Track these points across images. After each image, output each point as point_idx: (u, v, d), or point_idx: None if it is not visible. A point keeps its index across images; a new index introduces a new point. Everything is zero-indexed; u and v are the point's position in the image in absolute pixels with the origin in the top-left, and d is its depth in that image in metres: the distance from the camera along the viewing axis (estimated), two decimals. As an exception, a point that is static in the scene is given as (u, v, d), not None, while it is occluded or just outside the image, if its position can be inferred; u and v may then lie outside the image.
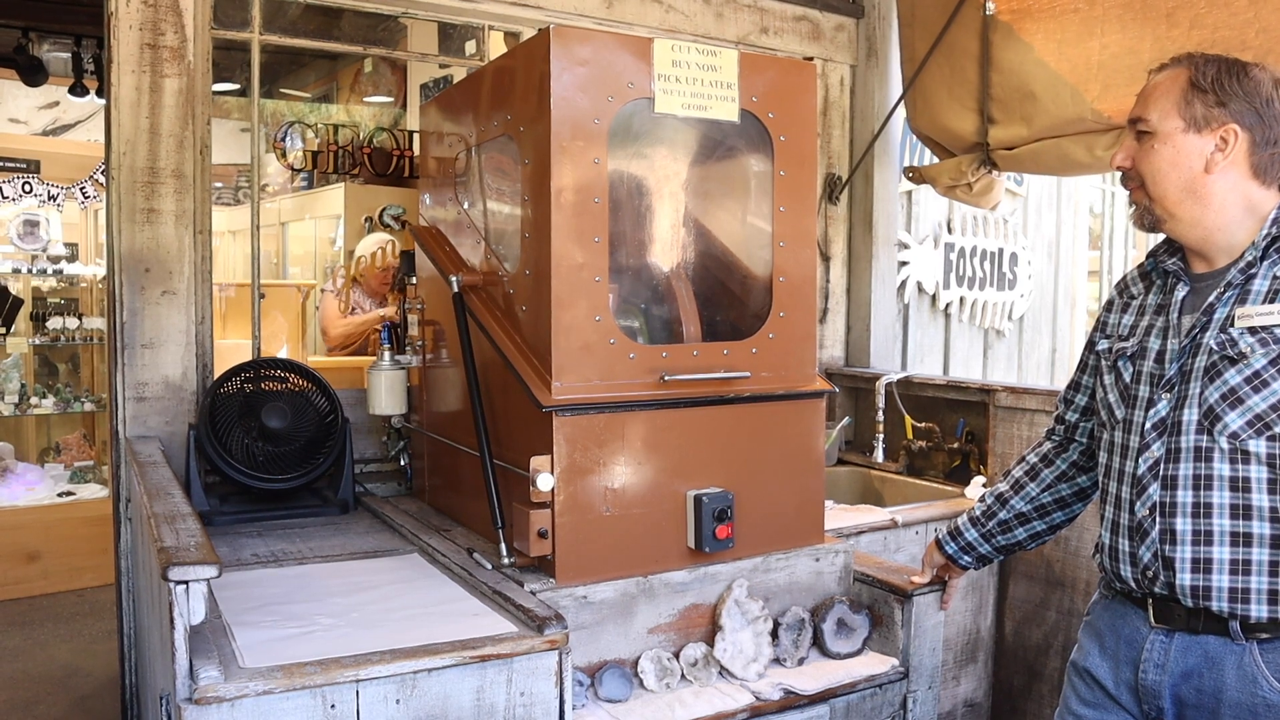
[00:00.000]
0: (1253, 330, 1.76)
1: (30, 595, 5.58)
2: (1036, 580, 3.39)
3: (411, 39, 6.13)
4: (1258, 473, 1.76)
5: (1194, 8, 3.10)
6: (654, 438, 2.34)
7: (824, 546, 2.57)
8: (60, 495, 5.94)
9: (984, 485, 3.54)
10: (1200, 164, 1.81)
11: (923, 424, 3.90)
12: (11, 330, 6.06)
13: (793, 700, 2.31)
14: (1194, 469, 1.81)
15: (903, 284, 5.04)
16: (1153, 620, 1.88)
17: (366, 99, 7.72)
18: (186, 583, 1.70)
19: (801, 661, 2.46)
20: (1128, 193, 1.95)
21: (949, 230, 5.36)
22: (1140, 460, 1.87)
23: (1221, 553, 1.78)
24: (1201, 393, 1.80)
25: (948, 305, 5.38)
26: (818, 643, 2.50)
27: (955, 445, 3.79)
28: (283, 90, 8.45)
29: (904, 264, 5.04)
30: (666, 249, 2.60)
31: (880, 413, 4.02)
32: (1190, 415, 1.81)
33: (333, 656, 1.81)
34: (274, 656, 1.82)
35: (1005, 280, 5.68)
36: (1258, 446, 1.75)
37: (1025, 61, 3.60)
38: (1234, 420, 1.77)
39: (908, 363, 5.14)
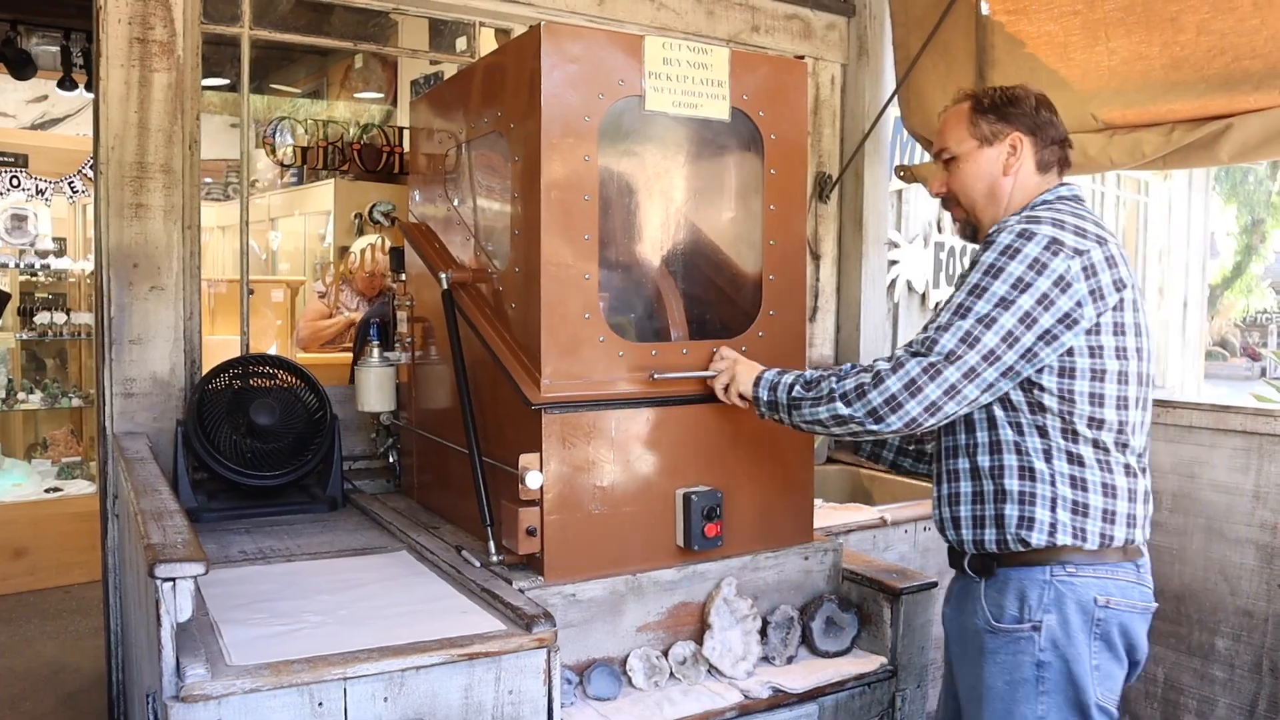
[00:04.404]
0: None
1: (17, 591, 5.56)
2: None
3: (402, 35, 6.10)
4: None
5: (1198, 13, 3.10)
6: (643, 436, 2.34)
7: (813, 545, 2.57)
8: (47, 491, 5.91)
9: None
10: (999, 168, 2.13)
11: (912, 423, 3.90)
12: (-1, 325, 6.04)
13: (781, 699, 2.31)
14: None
15: (892, 283, 5.04)
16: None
17: (357, 95, 7.69)
18: (174, 580, 1.69)
19: (790, 660, 2.46)
20: (949, 213, 2.26)
21: (939, 230, 5.35)
22: None
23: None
24: None
25: (937, 304, 5.38)
26: (806, 641, 2.50)
27: (944, 444, 3.78)
28: (273, 86, 8.41)
29: (894, 263, 5.04)
30: (657, 247, 2.60)
31: (870, 411, 4.02)
32: None
33: (320, 654, 1.81)
34: (261, 654, 1.81)
35: (995, 279, 5.68)
36: None
37: (1026, 63, 3.60)
38: None
39: (897, 361, 5.13)
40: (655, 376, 2.35)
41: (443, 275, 2.59)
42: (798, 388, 2.11)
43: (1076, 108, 3.46)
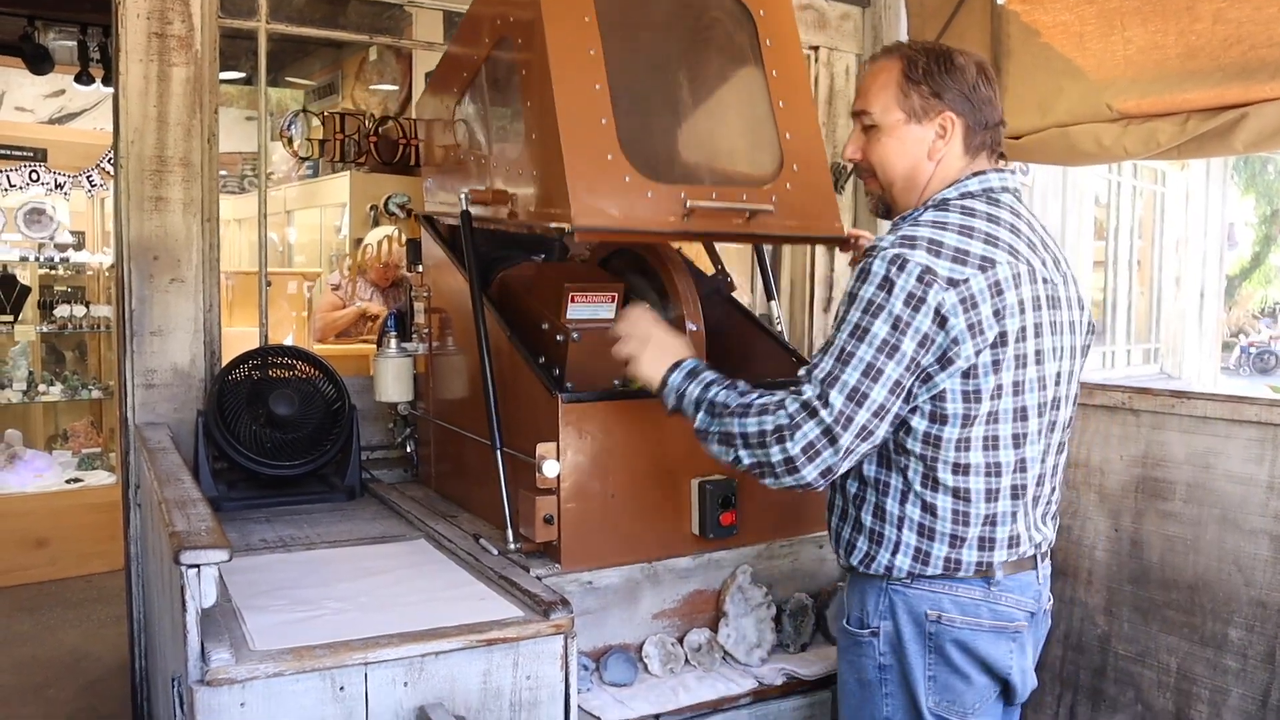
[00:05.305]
0: None
1: (39, 581, 5.62)
2: (1038, 568, 3.40)
3: (417, 27, 6.13)
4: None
5: (1214, 1, 3.08)
6: (658, 425, 2.34)
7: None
8: (68, 482, 5.98)
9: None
10: (924, 150, 1.94)
11: (926, 413, 3.90)
12: (19, 318, 6.09)
13: (795, 685, 2.33)
14: None
15: (907, 273, 5.05)
16: None
17: (372, 87, 7.72)
18: (198, 566, 1.72)
19: (804, 647, 2.48)
20: (863, 182, 2.08)
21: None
22: None
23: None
24: None
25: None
26: (821, 628, 2.52)
27: (958, 434, 3.78)
28: (288, 79, 8.45)
29: (908, 253, 5.04)
30: (669, 109, 2.55)
31: (884, 402, 4.02)
32: None
33: (341, 640, 1.83)
34: (284, 639, 1.84)
35: (1009, 270, 5.67)
36: None
37: (1042, 53, 3.59)
38: None
39: (912, 352, 5.13)
40: (690, 205, 2.29)
41: (462, 193, 2.53)
42: (702, 413, 1.95)
43: (1091, 97, 3.45)
